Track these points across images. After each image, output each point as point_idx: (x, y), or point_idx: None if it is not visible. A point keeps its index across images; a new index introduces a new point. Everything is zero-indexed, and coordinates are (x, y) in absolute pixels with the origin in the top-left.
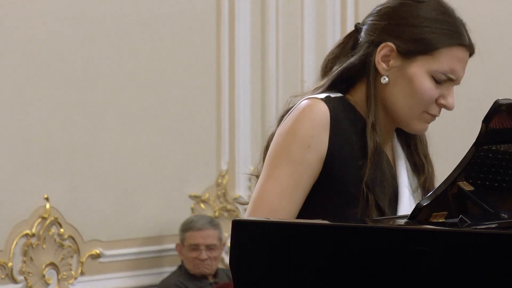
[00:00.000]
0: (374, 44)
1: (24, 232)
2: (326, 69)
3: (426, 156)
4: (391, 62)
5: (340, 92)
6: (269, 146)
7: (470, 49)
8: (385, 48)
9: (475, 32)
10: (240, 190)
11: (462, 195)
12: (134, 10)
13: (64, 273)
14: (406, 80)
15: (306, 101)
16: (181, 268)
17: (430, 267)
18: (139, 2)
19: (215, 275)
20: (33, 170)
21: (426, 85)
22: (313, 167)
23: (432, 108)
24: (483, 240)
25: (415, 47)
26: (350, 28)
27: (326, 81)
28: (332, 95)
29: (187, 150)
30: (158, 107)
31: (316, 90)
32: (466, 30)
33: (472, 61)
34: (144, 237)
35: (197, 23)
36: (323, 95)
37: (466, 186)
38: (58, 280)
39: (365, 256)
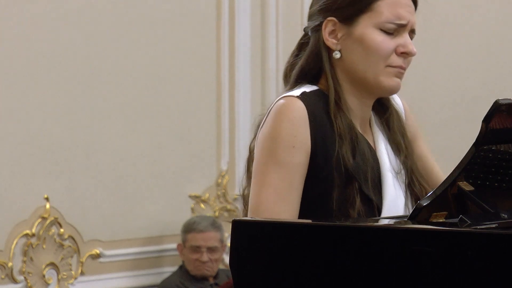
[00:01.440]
0: (318, 28)
1: (24, 232)
2: (286, 78)
3: (404, 134)
4: (339, 35)
5: (313, 84)
6: (252, 157)
7: None
8: (328, 24)
9: (475, 32)
10: (240, 190)
11: (462, 195)
12: (134, 10)
13: (64, 273)
14: (358, 43)
15: (280, 101)
16: (182, 268)
17: (430, 267)
18: (139, 2)
19: (215, 276)
20: (33, 170)
21: (378, 38)
22: (302, 165)
23: (394, 59)
24: (483, 240)
25: (353, 9)
26: None
27: (290, 82)
28: (308, 89)
29: (187, 150)
30: (158, 107)
31: (287, 91)
32: None
33: (472, 61)
34: (144, 237)
35: (197, 23)
36: (299, 92)
37: (466, 186)
38: (58, 280)
39: (365, 256)
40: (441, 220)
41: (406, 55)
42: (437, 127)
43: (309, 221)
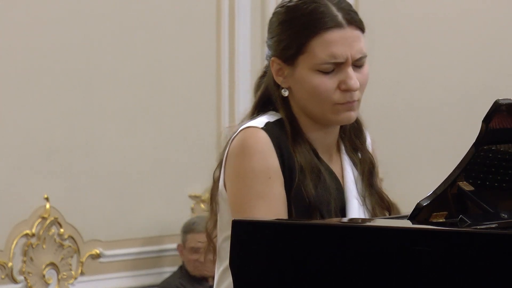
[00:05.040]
0: (269, 64)
1: (24, 232)
2: (255, 95)
3: (364, 151)
4: (285, 73)
5: (276, 111)
6: (217, 187)
7: (349, 25)
8: (274, 64)
9: (475, 31)
10: None
11: (462, 195)
12: (134, 10)
13: (64, 273)
14: (300, 84)
15: (242, 132)
16: (182, 269)
17: (430, 267)
18: (139, 2)
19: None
20: (33, 170)
21: (315, 81)
22: (282, 195)
23: (339, 97)
24: (483, 240)
25: (290, 51)
26: None
27: (252, 108)
28: (271, 119)
29: (187, 150)
30: (158, 107)
31: (250, 118)
32: (337, 9)
33: (472, 61)
34: (144, 237)
35: (197, 23)
36: (262, 123)
37: (466, 186)
38: (58, 280)
39: (365, 256)
40: (441, 220)
41: (347, 91)
42: (437, 127)
43: (309, 221)
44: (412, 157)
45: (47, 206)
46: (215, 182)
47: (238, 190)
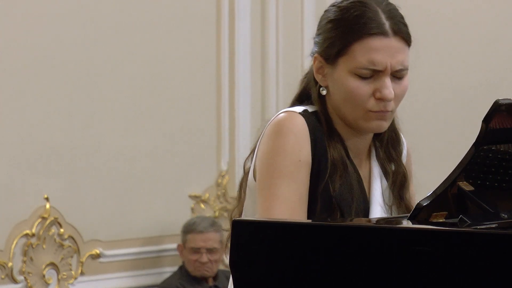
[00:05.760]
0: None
1: (24, 232)
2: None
3: (398, 163)
4: (325, 71)
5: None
6: (247, 177)
7: (395, 35)
8: (316, 61)
9: (476, 31)
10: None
11: (462, 195)
12: (134, 10)
13: (64, 273)
14: (337, 85)
15: (283, 114)
16: (182, 269)
17: (430, 267)
18: (139, 3)
19: (215, 277)
20: (33, 170)
21: (352, 84)
22: (307, 179)
23: (373, 104)
24: (483, 240)
25: (332, 51)
26: None
27: (293, 100)
28: (310, 109)
29: (187, 150)
30: (158, 107)
31: (289, 106)
32: (386, 18)
33: (472, 61)
34: (144, 237)
35: (197, 23)
36: (301, 109)
37: (466, 186)
38: (58, 280)
39: (365, 256)
40: (441, 220)
41: (381, 100)
42: (438, 127)
43: (309, 221)
44: (412, 157)
45: (47, 206)
46: (246, 172)
47: (266, 167)
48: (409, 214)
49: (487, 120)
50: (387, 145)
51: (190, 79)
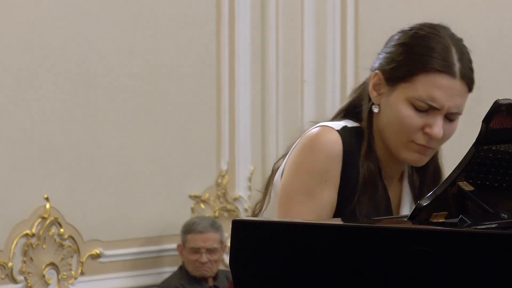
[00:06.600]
0: (370, 75)
1: (24, 232)
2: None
3: None
4: (381, 90)
5: (357, 121)
6: (273, 177)
7: (461, 78)
8: (375, 77)
9: (476, 31)
10: (240, 190)
11: (462, 195)
12: (134, 10)
13: (64, 273)
14: (390, 107)
15: (318, 129)
16: (182, 269)
17: (430, 267)
18: (139, 3)
19: (215, 277)
20: (33, 170)
21: (404, 112)
22: (332, 199)
23: (418, 137)
24: (483, 240)
25: (395, 74)
26: (350, 28)
27: (339, 110)
28: (350, 124)
29: (187, 150)
30: (158, 107)
31: (333, 118)
32: (458, 59)
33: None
34: (144, 237)
35: (197, 23)
36: (340, 125)
37: (466, 186)
38: (58, 280)
39: (365, 256)
40: (441, 220)
41: (428, 136)
42: None
43: (309, 221)
44: None
45: (47, 206)
46: (273, 172)
47: (291, 180)
48: (409, 214)
49: (487, 120)
50: (428, 182)
51: (190, 79)
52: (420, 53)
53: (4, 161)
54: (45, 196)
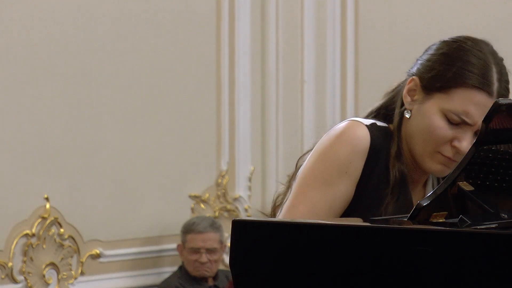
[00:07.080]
0: (408, 78)
1: (24, 232)
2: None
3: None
4: (415, 97)
5: (388, 122)
6: (297, 171)
7: (496, 98)
8: (412, 82)
9: (476, 31)
10: (240, 190)
11: (462, 195)
12: (134, 10)
13: (64, 273)
14: (422, 116)
15: (348, 122)
16: (182, 269)
17: (430, 267)
18: (139, 2)
19: (215, 277)
20: (33, 170)
21: (436, 123)
22: (348, 193)
23: (445, 149)
24: (483, 240)
25: (433, 83)
26: (350, 28)
27: (369, 111)
28: (379, 123)
29: (187, 150)
30: (158, 107)
31: (366, 116)
32: (497, 79)
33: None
34: (144, 237)
35: (197, 23)
36: (370, 121)
37: (466, 186)
38: (58, 280)
39: (365, 256)
40: (441, 220)
41: (456, 149)
42: None
43: (309, 221)
44: None
45: (47, 206)
46: (297, 167)
47: (313, 166)
48: (409, 214)
49: (487, 120)
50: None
51: (190, 79)
52: (462, 67)
53: (4, 161)
54: (45, 196)
